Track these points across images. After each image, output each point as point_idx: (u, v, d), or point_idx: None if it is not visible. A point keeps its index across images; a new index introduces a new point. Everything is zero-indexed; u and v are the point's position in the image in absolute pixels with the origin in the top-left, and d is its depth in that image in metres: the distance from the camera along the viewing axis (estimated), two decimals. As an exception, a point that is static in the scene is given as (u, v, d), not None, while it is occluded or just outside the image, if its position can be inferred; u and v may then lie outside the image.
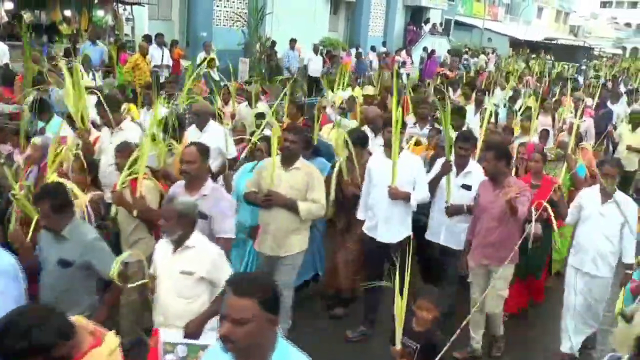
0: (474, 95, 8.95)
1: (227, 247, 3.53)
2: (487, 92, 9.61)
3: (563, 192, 4.93)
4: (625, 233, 4.15)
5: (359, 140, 4.71)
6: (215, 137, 4.96)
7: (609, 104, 10.31)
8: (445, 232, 4.50)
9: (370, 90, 9.13)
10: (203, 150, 3.69)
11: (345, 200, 4.67)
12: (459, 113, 6.21)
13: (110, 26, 13.67)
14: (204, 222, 3.42)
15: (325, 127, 6.63)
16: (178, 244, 3.06)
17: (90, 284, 3.10)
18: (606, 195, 4.21)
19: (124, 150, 4.02)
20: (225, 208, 3.64)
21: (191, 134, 5.00)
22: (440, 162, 4.54)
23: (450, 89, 10.49)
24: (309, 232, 4.22)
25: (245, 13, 16.30)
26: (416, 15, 25.62)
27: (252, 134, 5.61)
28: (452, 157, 4.47)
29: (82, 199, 3.63)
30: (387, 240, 4.28)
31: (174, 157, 4.56)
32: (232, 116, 7.35)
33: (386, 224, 4.28)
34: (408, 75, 17.26)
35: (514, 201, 3.78)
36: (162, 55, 11.53)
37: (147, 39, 12.05)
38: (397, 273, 2.86)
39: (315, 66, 15.01)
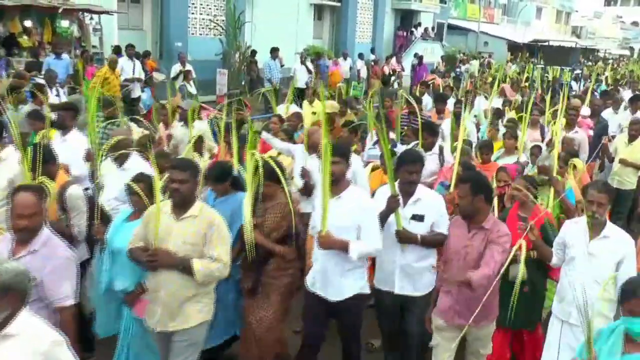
0: (451, 108, 8.76)
1: (67, 319, 3.14)
2: (468, 102, 9.80)
3: (549, 228, 4.37)
4: (622, 276, 3.57)
5: (271, 175, 4.02)
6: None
7: (608, 112, 10.15)
8: (400, 275, 4.00)
9: (331, 106, 8.31)
10: (41, 194, 3.23)
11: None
12: (430, 129, 6.05)
13: (76, 37, 13.86)
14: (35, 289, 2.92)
15: (270, 153, 5.96)
16: None
17: None
18: (594, 230, 3.79)
19: None
20: (59, 267, 3.14)
21: (107, 169, 4.73)
22: (382, 193, 4.09)
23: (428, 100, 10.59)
24: (213, 297, 3.66)
25: (223, 21, 16.64)
26: (406, 20, 26.21)
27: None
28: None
29: None
30: (326, 296, 3.82)
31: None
32: (169, 138, 6.90)
33: (323, 277, 3.83)
34: (400, 84, 17.64)
35: (491, 253, 3.50)
36: (134, 68, 11.76)
37: (117, 50, 12.31)
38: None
39: (301, 76, 15.37)
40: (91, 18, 14.11)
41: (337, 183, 3.74)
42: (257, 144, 6.19)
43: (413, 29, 25.40)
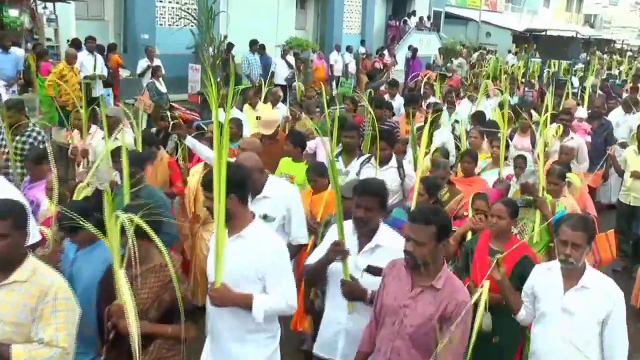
0: (427, 111, 8.32)
1: None
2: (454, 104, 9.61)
3: (529, 266, 3.87)
4: (608, 340, 3.29)
5: (140, 231, 3.32)
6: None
7: (617, 113, 9.79)
8: (346, 340, 3.52)
9: (270, 113, 7.91)
10: None
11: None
12: (387, 139, 5.86)
13: (27, 29, 13.79)
14: None
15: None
16: None
17: None
18: (570, 278, 3.38)
19: None
20: None
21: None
22: (329, 236, 3.62)
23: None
24: None
25: (195, 10, 16.64)
26: (399, 8, 26.38)
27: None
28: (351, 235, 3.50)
29: None
30: None
31: None
32: (84, 153, 6.32)
33: (215, 345, 3.33)
34: (387, 77, 17.77)
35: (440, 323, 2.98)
36: (95, 63, 11.74)
37: (75, 43, 12.27)
38: None
39: (281, 72, 15.46)
40: (44, 7, 14.01)
41: (235, 217, 3.13)
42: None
43: (407, 18, 25.58)
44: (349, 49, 19.35)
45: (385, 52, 20.65)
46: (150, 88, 11.13)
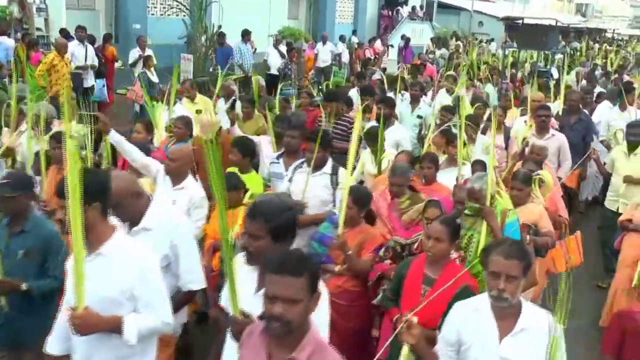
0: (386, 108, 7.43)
1: None
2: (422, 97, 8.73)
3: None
4: None
5: None
6: None
7: (605, 108, 9.27)
8: None
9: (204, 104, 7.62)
10: None
11: None
12: (322, 141, 5.14)
13: (17, 18, 13.64)
14: None
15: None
16: None
17: None
18: (506, 319, 2.83)
19: None
20: None
21: None
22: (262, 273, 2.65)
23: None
24: None
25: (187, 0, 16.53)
26: (392, -2, 26.34)
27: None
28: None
29: None
30: None
31: None
32: (11, 152, 5.78)
33: None
34: (384, 70, 17.70)
35: None
36: (86, 54, 11.61)
37: (66, 33, 12.12)
38: None
39: (274, 61, 15.35)
40: (34, -4, 13.88)
41: (93, 232, 2.75)
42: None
43: (399, 8, 25.50)
44: (341, 38, 19.26)
45: (377, 41, 20.56)
46: (141, 78, 11.01)
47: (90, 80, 11.47)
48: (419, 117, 8.10)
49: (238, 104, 8.33)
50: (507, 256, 2.77)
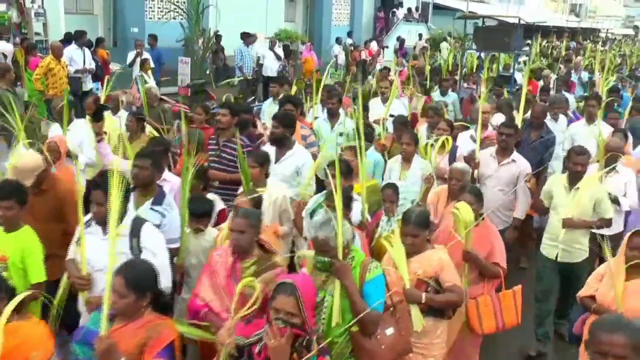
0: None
1: None
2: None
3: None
4: None
5: None
6: None
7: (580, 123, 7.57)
8: None
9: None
10: None
11: None
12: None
13: (16, 23, 13.63)
14: None
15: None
16: None
17: None
18: None
19: None
20: None
21: None
22: None
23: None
24: None
25: (184, 3, 16.50)
26: (387, 0, 26.33)
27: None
28: None
29: None
30: None
31: None
32: None
33: None
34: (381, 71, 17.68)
35: None
36: (84, 57, 11.59)
37: (68, 38, 12.11)
38: None
39: (270, 64, 15.34)
40: (32, 1, 13.86)
41: None
42: None
43: (395, 10, 25.52)
44: (337, 40, 19.26)
45: (373, 42, 20.56)
46: (138, 81, 10.98)
47: (88, 84, 11.46)
48: (340, 134, 6.68)
49: (124, 115, 6.92)
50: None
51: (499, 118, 6.69)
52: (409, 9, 26.20)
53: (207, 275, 3.54)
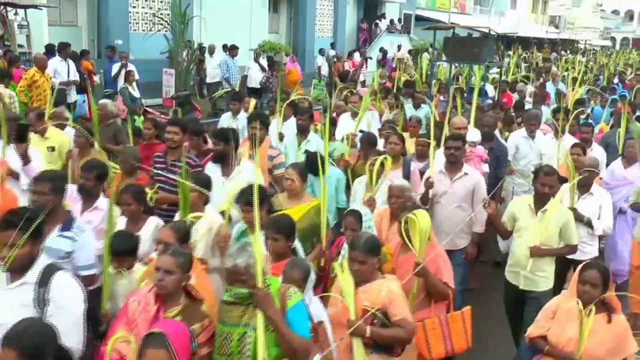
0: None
1: None
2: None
3: None
4: None
5: None
6: None
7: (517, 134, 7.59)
8: None
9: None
10: None
11: None
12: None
13: (-2, 35, 13.59)
14: None
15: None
16: None
17: None
18: None
19: None
20: None
21: None
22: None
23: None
24: None
25: (168, 15, 16.57)
26: (370, 11, 26.56)
27: None
28: None
29: None
30: None
31: None
32: None
33: None
34: (363, 82, 17.86)
35: None
36: (68, 69, 11.61)
37: (50, 49, 12.12)
38: None
39: (255, 75, 15.46)
40: (15, 13, 13.80)
41: None
42: None
43: (378, 21, 25.78)
44: (321, 51, 19.42)
45: (356, 54, 20.76)
46: (123, 93, 11.03)
47: (73, 96, 11.48)
48: (306, 152, 6.26)
49: (70, 131, 6.49)
50: None
51: (473, 134, 6.47)
52: (392, 21, 26.46)
53: (123, 325, 3.10)
